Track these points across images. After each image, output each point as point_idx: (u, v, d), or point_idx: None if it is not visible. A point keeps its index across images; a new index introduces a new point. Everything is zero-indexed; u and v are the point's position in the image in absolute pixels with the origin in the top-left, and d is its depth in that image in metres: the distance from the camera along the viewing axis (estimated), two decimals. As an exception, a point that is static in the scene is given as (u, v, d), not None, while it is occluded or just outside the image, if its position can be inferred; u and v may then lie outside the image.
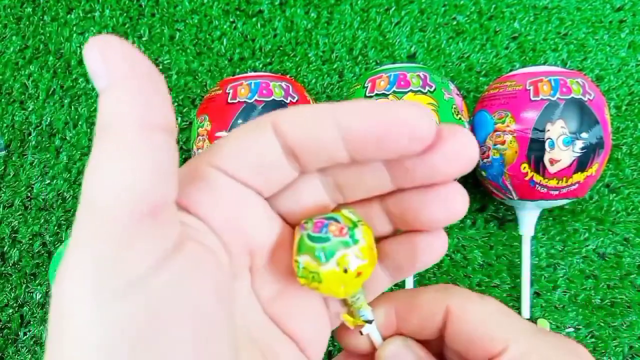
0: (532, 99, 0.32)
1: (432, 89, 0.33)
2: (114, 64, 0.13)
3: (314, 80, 0.43)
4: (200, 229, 0.16)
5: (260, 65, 0.43)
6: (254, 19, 0.44)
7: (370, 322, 0.19)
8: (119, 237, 0.12)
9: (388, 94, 0.33)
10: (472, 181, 0.40)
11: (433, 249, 0.18)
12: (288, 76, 0.42)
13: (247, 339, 0.17)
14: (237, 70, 0.43)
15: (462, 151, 0.15)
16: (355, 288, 0.17)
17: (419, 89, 0.32)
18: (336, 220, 0.17)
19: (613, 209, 0.40)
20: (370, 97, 0.33)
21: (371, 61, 0.43)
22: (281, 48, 0.43)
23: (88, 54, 0.13)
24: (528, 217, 0.36)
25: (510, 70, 0.38)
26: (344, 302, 0.20)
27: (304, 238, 0.17)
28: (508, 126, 0.33)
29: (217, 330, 0.14)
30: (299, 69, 0.43)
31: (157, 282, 0.13)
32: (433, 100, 0.32)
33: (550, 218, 0.40)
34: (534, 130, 0.32)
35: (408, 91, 0.32)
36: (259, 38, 0.43)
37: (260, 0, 0.44)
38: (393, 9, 0.44)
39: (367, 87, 0.34)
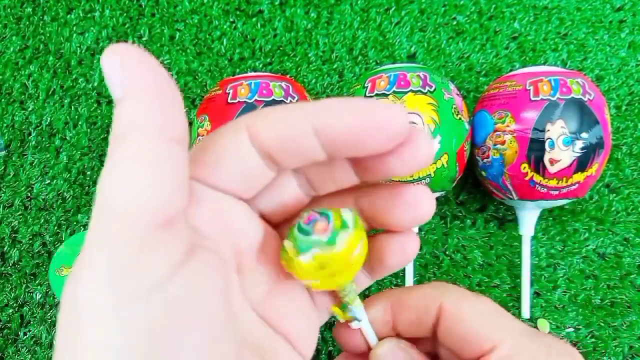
0: (532, 99, 0.32)
1: (432, 89, 0.33)
2: (132, 73, 0.13)
3: (314, 80, 0.43)
4: (200, 236, 0.16)
5: (260, 65, 0.43)
6: (254, 19, 0.44)
7: (358, 320, 0.20)
8: (136, 241, 0.12)
9: (388, 94, 0.33)
10: (472, 181, 0.40)
11: (402, 250, 0.19)
12: (288, 76, 0.42)
13: (246, 339, 0.17)
14: (237, 70, 0.43)
15: (416, 154, 0.16)
16: (331, 286, 0.18)
17: (419, 89, 0.32)
18: (327, 219, 0.17)
19: (613, 209, 0.40)
20: (371, 97, 0.33)
21: (371, 61, 0.43)
22: (281, 48, 0.43)
23: (106, 62, 0.13)
24: (528, 217, 0.36)
25: (510, 70, 0.38)
26: (336, 294, 0.20)
27: (295, 226, 0.18)
28: (508, 126, 0.33)
29: (224, 331, 0.14)
30: (299, 69, 0.43)
31: (174, 286, 0.13)
32: (433, 100, 0.32)
33: (550, 218, 0.40)
34: (534, 130, 0.32)
35: (408, 91, 0.32)
36: (259, 38, 0.43)
37: (260, 0, 0.44)
38: (393, 9, 0.44)
39: (367, 87, 0.34)
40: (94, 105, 0.43)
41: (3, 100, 0.43)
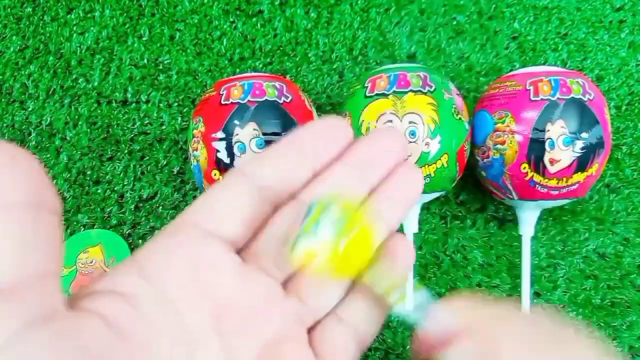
0: (532, 99, 0.32)
1: (432, 89, 0.33)
2: None
3: (314, 80, 0.43)
4: (116, 296, 0.16)
5: (261, 65, 0.43)
6: (254, 19, 0.44)
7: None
8: None
9: (388, 94, 0.33)
10: (472, 181, 0.40)
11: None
12: (288, 76, 0.42)
13: None
14: (237, 70, 0.43)
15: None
16: (347, 272, 0.18)
17: (419, 89, 0.32)
18: (310, 209, 0.18)
19: (613, 209, 0.40)
20: (370, 97, 0.33)
21: (371, 61, 0.43)
22: (281, 48, 0.43)
23: None
24: (528, 217, 0.36)
25: (510, 70, 0.38)
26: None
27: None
28: (508, 126, 0.33)
29: None
30: (299, 69, 0.43)
31: (18, 348, 0.13)
32: (433, 100, 0.32)
33: (550, 218, 0.40)
34: (534, 130, 0.32)
35: (408, 91, 0.32)
36: (259, 38, 0.43)
37: (260, 0, 0.44)
38: (393, 9, 0.44)
39: (367, 87, 0.34)
40: (94, 105, 0.43)
41: (3, 100, 0.43)
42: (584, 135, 0.32)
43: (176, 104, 0.42)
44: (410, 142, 0.32)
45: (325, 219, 0.17)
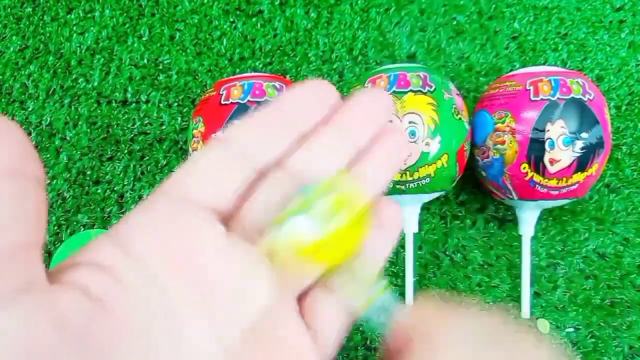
0: (532, 99, 0.32)
1: (432, 89, 0.33)
2: None
3: (314, 80, 0.43)
4: (94, 271, 0.15)
5: (261, 65, 0.43)
6: (254, 19, 0.44)
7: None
8: None
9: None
10: (472, 181, 0.40)
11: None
12: (288, 76, 0.42)
13: None
14: (237, 70, 0.43)
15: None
16: (332, 258, 0.17)
17: (419, 89, 0.33)
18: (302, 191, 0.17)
19: (613, 209, 0.40)
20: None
21: (371, 61, 0.43)
22: (281, 48, 0.43)
23: None
24: (528, 217, 0.36)
25: (510, 70, 0.38)
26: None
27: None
28: (508, 126, 0.33)
29: None
30: (299, 69, 0.43)
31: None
32: (433, 100, 0.32)
33: (550, 218, 0.40)
34: (534, 130, 0.32)
35: (408, 91, 0.32)
36: (259, 38, 0.43)
37: (260, 0, 0.44)
38: (393, 9, 0.44)
39: (367, 87, 0.34)
40: (94, 105, 0.43)
41: (3, 100, 0.43)
42: (584, 135, 0.32)
43: (176, 104, 0.42)
44: (410, 142, 0.32)
45: (322, 202, 0.16)
